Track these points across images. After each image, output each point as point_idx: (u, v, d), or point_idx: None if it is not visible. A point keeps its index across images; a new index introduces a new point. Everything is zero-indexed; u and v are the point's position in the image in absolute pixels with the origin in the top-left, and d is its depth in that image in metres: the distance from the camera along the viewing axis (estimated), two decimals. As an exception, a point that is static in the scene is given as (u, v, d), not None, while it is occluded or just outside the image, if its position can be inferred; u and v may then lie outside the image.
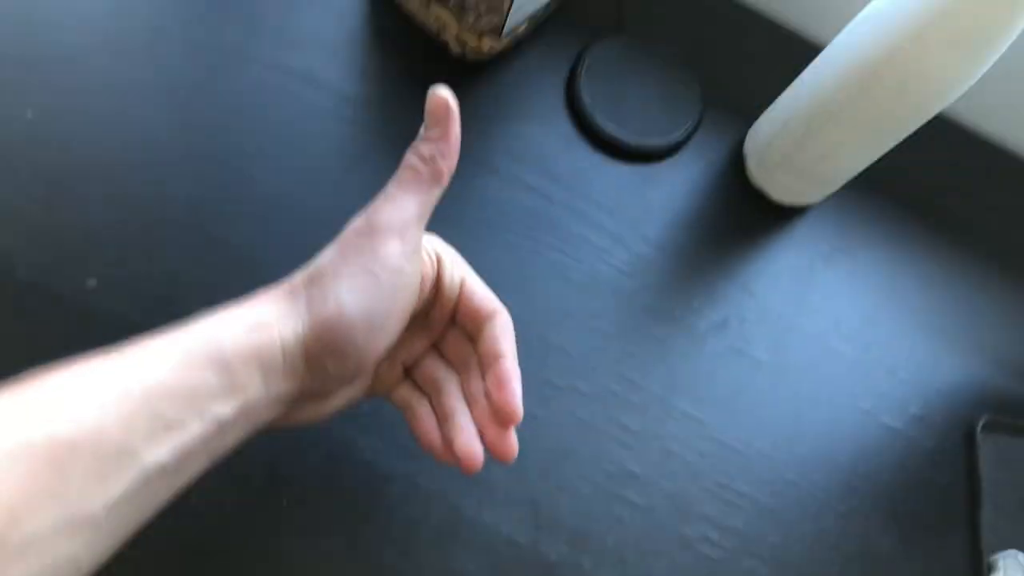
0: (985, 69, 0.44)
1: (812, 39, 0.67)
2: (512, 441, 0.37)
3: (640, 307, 0.55)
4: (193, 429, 0.29)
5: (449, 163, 0.35)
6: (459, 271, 0.39)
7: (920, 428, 0.56)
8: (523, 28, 0.60)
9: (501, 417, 0.37)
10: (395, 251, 0.33)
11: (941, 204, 0.63)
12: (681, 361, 0.54)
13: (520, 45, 0.62)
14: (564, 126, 0.60)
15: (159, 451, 0.27)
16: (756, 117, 0.61)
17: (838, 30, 0.51)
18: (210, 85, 0.56)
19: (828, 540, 0.51)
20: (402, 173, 0.35)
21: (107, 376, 0.28)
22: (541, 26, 0.62)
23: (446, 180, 0.35)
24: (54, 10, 0.55)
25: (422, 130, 0.35)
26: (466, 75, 0.60)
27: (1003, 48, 0.43)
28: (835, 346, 0.57)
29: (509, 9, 0.54)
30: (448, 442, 0.38)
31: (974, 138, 0.67)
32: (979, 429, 0.55)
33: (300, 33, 0.59)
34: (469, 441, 0.37)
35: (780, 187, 0.59)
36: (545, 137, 0.60)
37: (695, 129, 0.62)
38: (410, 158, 0.35)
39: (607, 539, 0.48)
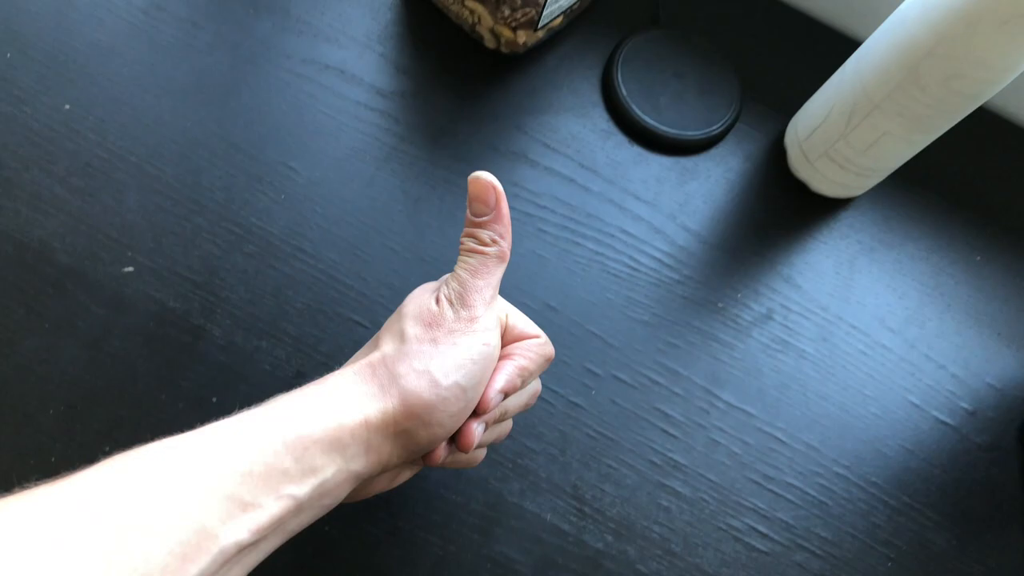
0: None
1: (849, 33, 0.66)
2: (469, 435, 0.36)
3: (681, 298, 0.54)
4: (270, 509, 0.29)
5: (508, 241, 0.37)
6: (503, 307, 0.39)
7: (972, 424, 0.54)
8: (558, 21, 0.60)
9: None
10: (481, 328, 0.35)
11: (986, 196, 0.62)
12: (725, 352, 0.53)
13: (555, 38, 0.61)
14: (601, 119, 0.60)
15: (237, 531, 0.28)
16: (794, 110, 0.60)
17: (875, 25, 0.50)
18: (244, 79, 0.56)
19: (880, 536, 0.49)
20: (470, 259, 0.36)
21: (187, 458, 0.29)
22: (576, 19, 0.62)
23: (508, 257, 0.37)
24: (90, 6, 0.56)
25: (469, 214, 0.36)
26: (500, 68, 0.60)
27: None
28: (882, 339, 0.56)
29: (544, 2, 0.54)
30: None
31: (1018, 129, 0.66)
32: (1035, 423, 0.54)
33: (333, 28, 0.59)
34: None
35: (822, 179, 0.58)
36: (581, 130, 0.59)
37: (734, 122, 0.61)
38: (472, 245, 0.36)
39: (653, 529, 0.47)
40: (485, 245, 0.36)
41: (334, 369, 0.40)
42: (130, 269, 0.49)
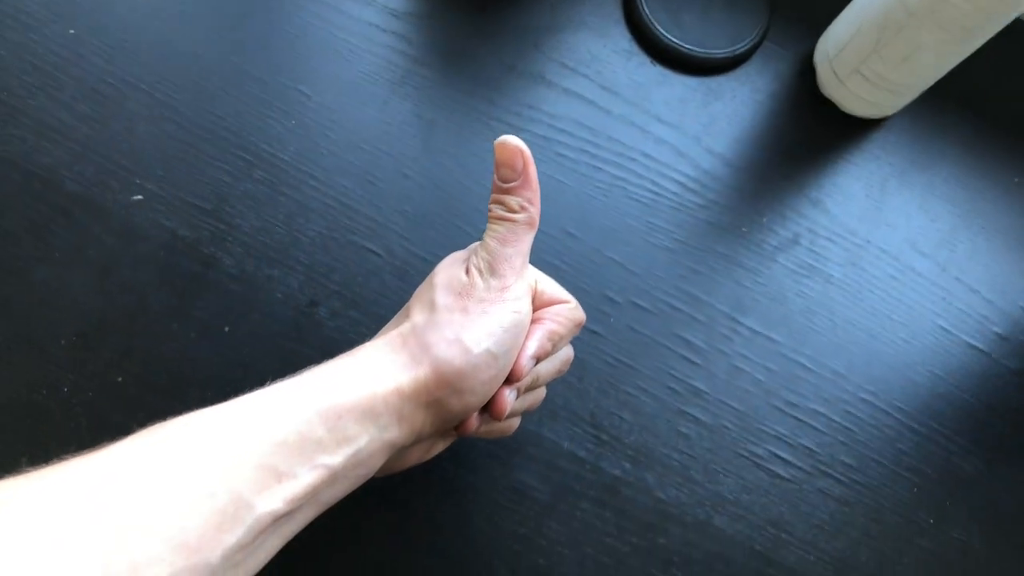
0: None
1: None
2: (502, 402, 0.36)
3: (705, 223, 0.53)
4: (305, 479, 0.29)
5: (537, 207, 0.36)
6: (532, 274, 0.38)
7: (1004, 349, 0.53)
8: (578, -66, 0.57)
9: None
10: (512, 297, 0.35)
11: (1022, 114, 0.59)
12: (749, 278, 0.52)
13: (574, -47, 0.59)
14: (622, 38, 0.57)
15: (272, 501, 0.28)
16: (824, 26, 0.57)
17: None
18: (254, 3, 0.54)
19: (906, 462, 0.49)
20: (498, 227, 0.36)
21: (221, 429, 0.29)
22: (596, -68, 0.59)
23: (537, 223, 0.36)
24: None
25: (496, 180, 0.35)
26: (518, -15, 0.57)
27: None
28: (912, 263, 0.54)
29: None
30: None
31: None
32: (1070, 348, 0.52)
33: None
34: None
35: (853, 98, 0.56)
36: (602, 49, 0.57)
37: (761, 39, 0.58)
38: (500, 212, 0.36)
39: (672, 456, 0.46)
40: (513, 212, 0.35)
41: (347, 298, 0.39)
42: (139, 197, 0.48)
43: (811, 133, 0.57)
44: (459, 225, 0.50)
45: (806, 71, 0.58)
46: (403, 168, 0.51)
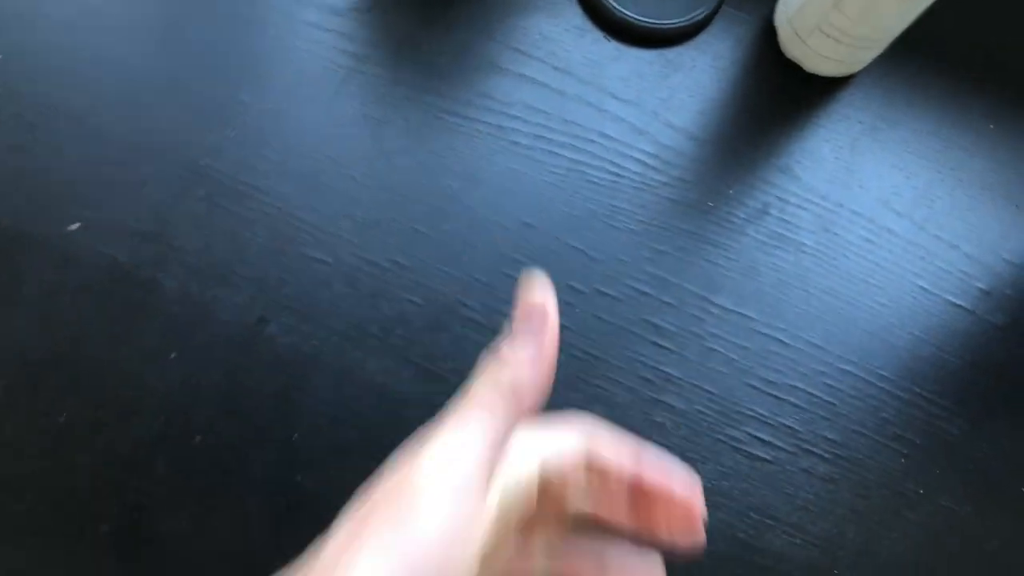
0: None
1: None
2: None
3: (669, 201, 0.51)
4: None
5: (539, 378, 0.26)
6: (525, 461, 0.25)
7: (988, 304, 0.51)
8: (517, -90, 0.55)
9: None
10: (434, 515, 0.23)
11: (998, 59, 0.57)
12: (718, 255, 0.50)
13: (516, -69, 0.57)
14: (574, 15, 0.55)
15: None
16: (784, -17, 0.55)
17: None
18: (183, 10, 0.52)
19: (890, 431, 0.47)
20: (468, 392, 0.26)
21: None
22: (537, -93, 0.57)
23: (530, 403, 0.25)
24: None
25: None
26: (460, -31, 0.55)
27: None
28: (888, 224, 0.52)
29: None
30: None
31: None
32: (1056, 300, 0.50)
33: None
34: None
35: (816, 57, 0.54)
36: (553, 29, 0.55)
37: (719, 4, 0.56)
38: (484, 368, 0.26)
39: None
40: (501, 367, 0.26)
41: (298, 311, 0.35)
42: (76, 225, 0.46)
43: (776, 98, 0.55)
44: (414, 227, 0.49)
45: (766, 34, 0.56)
46: (350, 171, 0.50)
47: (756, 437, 0.46)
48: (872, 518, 0.45)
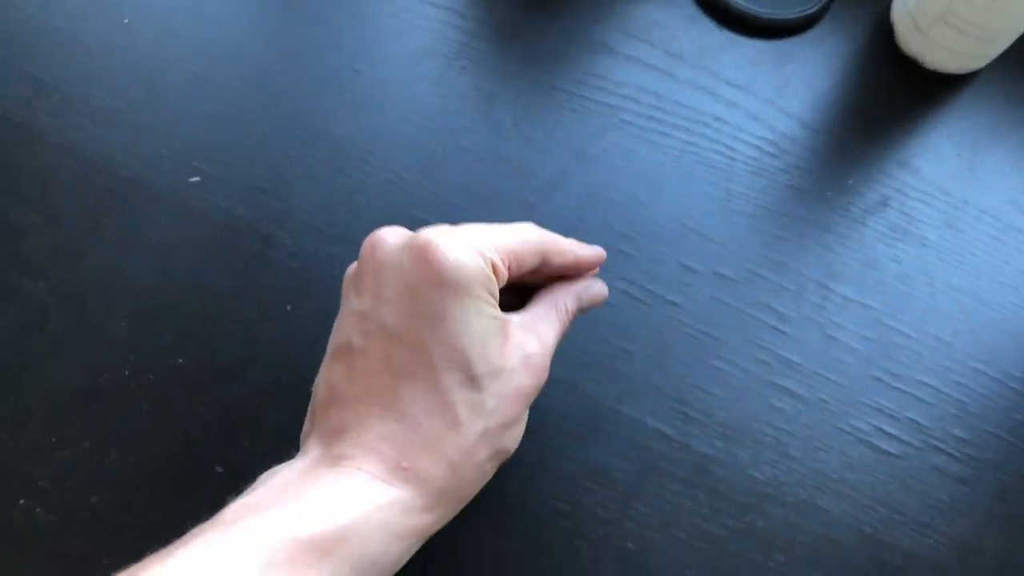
0: None
1: None
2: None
3: (786, 187, 0.49)
4: None
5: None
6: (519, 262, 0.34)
7: None
8: (634, -102, 0.55)
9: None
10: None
11: None
12: (838, 243, 0.48)
13: (631, -81, 0.56)
14: (685, 4, 0.55)
15: None
16: (903, -20, 0.54)
17: None
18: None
19: (1026, 434, 0.44)
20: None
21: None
22: None
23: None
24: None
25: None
26: (574, -46, 0.55)
27: None
28: (1014, 222, 0.49)
29: None
30: None
31: None
32: None
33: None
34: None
35: (938, 49, 0.52)
36: (665, 16, 0.54)
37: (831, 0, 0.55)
38: None
39: (766, 432, 0.43)
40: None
41: None
42: (196, 179, 0.46)
43: (892, 94, 0.53)
44: (524, 198, 0.48)
45: (882, 30, 0.54)
46: (463, 142, 0.49)
47: (881, 430, 0.43)
48: (1013, 524, 0.42)
